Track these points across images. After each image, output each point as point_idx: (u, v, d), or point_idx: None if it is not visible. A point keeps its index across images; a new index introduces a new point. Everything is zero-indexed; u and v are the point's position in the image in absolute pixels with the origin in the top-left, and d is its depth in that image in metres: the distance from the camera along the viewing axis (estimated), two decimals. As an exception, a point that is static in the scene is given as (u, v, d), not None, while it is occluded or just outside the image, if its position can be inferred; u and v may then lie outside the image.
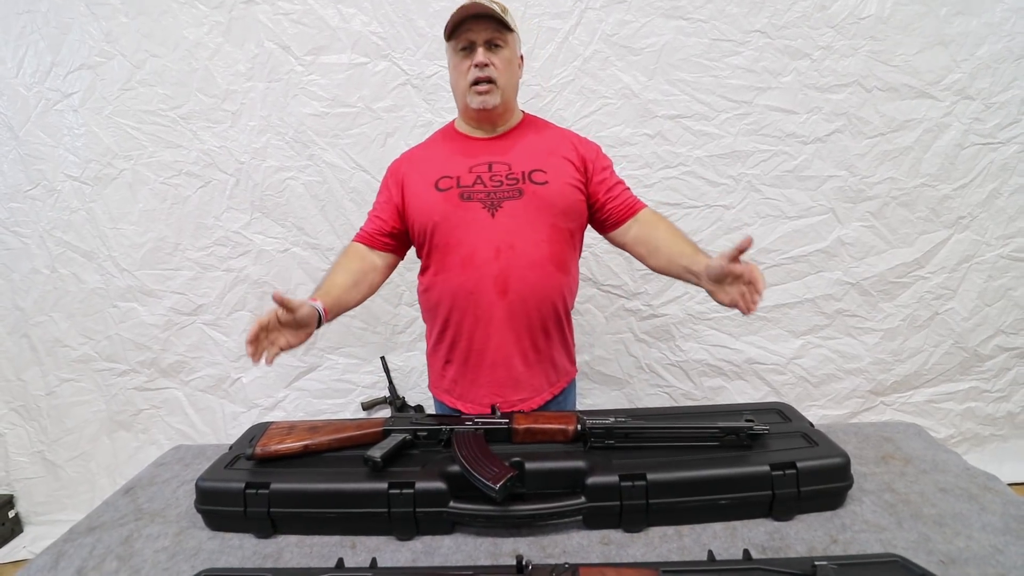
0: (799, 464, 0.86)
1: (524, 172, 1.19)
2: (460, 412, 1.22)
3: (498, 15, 1.13)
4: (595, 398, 2.12)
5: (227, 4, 1.87)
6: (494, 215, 1.16)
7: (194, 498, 0.97)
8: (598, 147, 1.30)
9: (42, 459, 2.20)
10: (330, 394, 2.14)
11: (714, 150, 1.93)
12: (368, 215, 1.30)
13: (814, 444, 0.93)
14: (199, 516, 0.95)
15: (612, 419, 0.97)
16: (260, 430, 1.06)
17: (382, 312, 2.07)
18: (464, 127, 1.28)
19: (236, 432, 2.11)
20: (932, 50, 1.85)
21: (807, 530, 0.84)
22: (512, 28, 1.17)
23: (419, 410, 2.06)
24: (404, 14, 1.85)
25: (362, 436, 1.01)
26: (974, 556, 0.77)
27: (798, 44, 1.85)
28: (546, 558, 0.82)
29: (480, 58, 1.14)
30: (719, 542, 0.82)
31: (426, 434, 1.00)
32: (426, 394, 1.54)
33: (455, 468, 0.89)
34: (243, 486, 0.90)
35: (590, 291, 2.04)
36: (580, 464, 0.90)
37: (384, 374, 2.07)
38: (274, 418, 1.81)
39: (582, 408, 1.21)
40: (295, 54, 1.89)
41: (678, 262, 1.14)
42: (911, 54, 1.85)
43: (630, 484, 0.85)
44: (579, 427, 0.97)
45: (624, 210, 1.25)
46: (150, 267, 2.06)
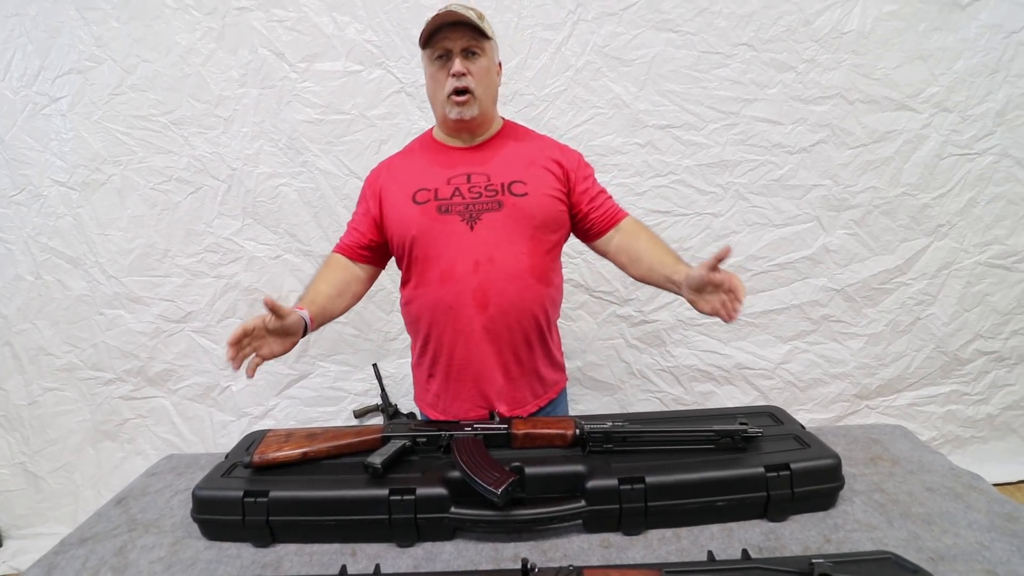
0: (793, 465, 0.88)
1: (503, 183, 1.17)
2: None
3: (474, 22, 1.11)
4: (587, 404, 2.13)
5: (221, 11, 1.87)
6: (473, 228, 1.14)
7: (189, 508, 0.96)
8: (579, 155, 1.28)
9: (23, 470, 2.15)
10: (321, 402, 2.13)
11: (703, 159, 1.97)
12: (347, 226, 1.28)
13: (806, 446, 0.95)
14: (195, 526, 0.94)
15: (610, 423, 0.98)
16: (257, 438, 1.05)
17: (374, 319, 2.07)
18: (442, 136, 1.25)
19: (225, 441, 2.11)
20: (911, 64, 1.91)
21: (801, 530, 0.86)
22: (489, 35, 1.15)
23: (411, 417, 2.06)
24: (399, 23, 1.87)
25: (361, 443, 1.00)
26: (962, 552, 0.79)
27: (783, 57, 1.90)
28: (547, 562, 0.82)
29: (457, 67, 1.12)
30: (716, 543, 0.84)
31: (425, 440, 1.00)
32: (419, 401, 1.54)
33: (456, 474, 0.89)
34: (241, 494, 0.90)
35: (582, 297, 2.06)
36: (579, 468, 0.90)
37: (376, 381, 2.06)
38: (264, 427, 1.79)
39: (574, 414, 1.21)
40: (289, 61, 1.90)
41: (659, 271, 1.14)
42: (891, 68, 1.91)
43: (629, 487, 0.86)
44: (577, 432, 0.98)
45: (607, 220, 1.24)
46: (138, 274, 2.03)
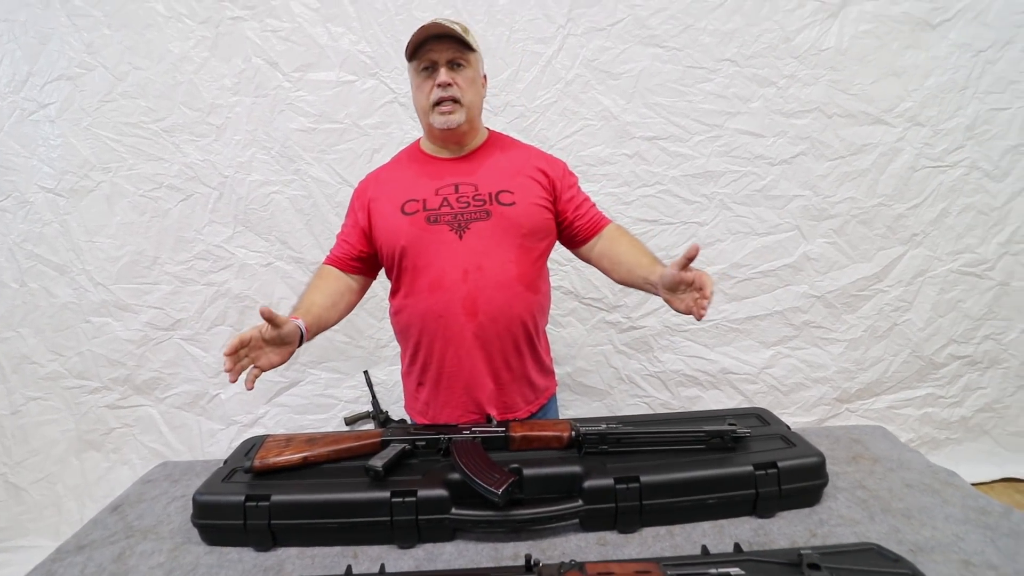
0: (780, 464, 0.92)
1: (491, 193, 1.19)
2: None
3: (459, 35, 1.13)
4: (577, 409, 2.16)
5: (215, 20, 1.88)
6: (461, 237, 1.16)
7: (186, 514, 0.96)
8: (564, 164, 1.30)
9: (4, 482, 2.11)
10: (312, 409, 2.12)
11: (688, 170, 2.03)
12: (337, 238, 1.30)
13: (792, 445, 0.99)
14: (193, 531, 0.94)
15: (604, 425, 1.01)
16: (256, 443, 1.06)
17: (365, 326, 2.07)
18: (429, 147, 1.27)
19: (214, 450, 2.09)
20: (886, 80, 2.00)
21: (788, 526, 0.90)
22: (474, 48, 1.17)
23: (403, 424, 2.06)
24: (392, 34, 1.90)
25: (361, 447, 1.02)
26: (939, 544, 0.84)
27: (765, 73, 1.97)
28: (547, 560, 0.84)
29: (443, 78, 1.13)
30: (708, 539, 0.87)
31: (425, 444, 1.02)
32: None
33: (456, 476, 0.91)
34: (243, 499, 0.90)
35: (571, 304, 2.10)
36: (576, 469, 0.93)
37: (367, 388, 2.07)
38: (253, 435, 1.79)
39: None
40: (283, 70, 1.91)
41: (637, 273, 1.17)
42: (867, 83, 1.99)
43: (624, 486, 0.89)
44: (573, 434, 1.01)
45: (591, 227, 1.28)
46: (126, 281, 2.02)
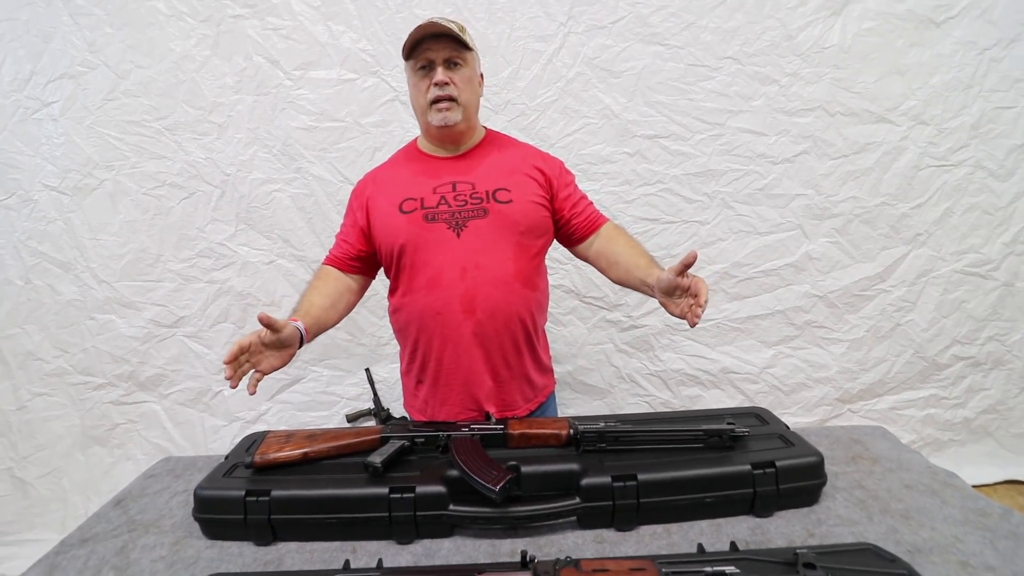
0: (778, 463, 0.92)
1: (488, 191, 1.19)
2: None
3: (456, 34, 1.14)
4: (577, 408, 2.16)
5: (216, 18, 1.89)
6: (459, 235, 1.17)
7: (188, 508, 0.97)
8: (561, 163, 1.31)
9: (11, 476, 2.13)
10: (314, 406, 2.13)
11: (690, 169, 2.03)
12: (336, 238, 1.30)
13: (790, 444, 0.99)
14: (195, 525, 0.96)
15: (603, 423, 1.01)
16: (257, 439, 1.07)
17: (367, 324, 2.08)
18: (427, 146, 1.28)
19: (217, 446, 2.10)
20: (889, 78, 1.99)
21: (786, 525, 0.90)
22: (471, 47, 1.17)
23: (404, 421, 2.07)
24: (393, 32, 1.90)
25: (360, 443, 1.03)
26: (937, 545, 0.83)
27: (767, 71, 1.96)
28: (544, 557, 0.85)
29: (440, 76, 1.14)
30: (705, 538, 0.87)
31: (424, 440, 1.02)
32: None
33: (454, 472, 0.92)
34: (243, 494, 0.91)
35: (572, 303, 2.10)
36: (574, 466, 0.93)
37: (369, 386, 2.08)
38: (256, 431, 1.80)
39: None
40: (284, 69, 1.92)
41: (634, 274, 1.18)
42: (870, 82, 1.98)
43: (622, 484, 0.90)
44: (572, 432, 1.01)
45: (588, 225, 1.28)
46: (130, 278, 2.03)
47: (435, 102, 1.16)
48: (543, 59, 1.95)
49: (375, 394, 2.08)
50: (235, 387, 0.99)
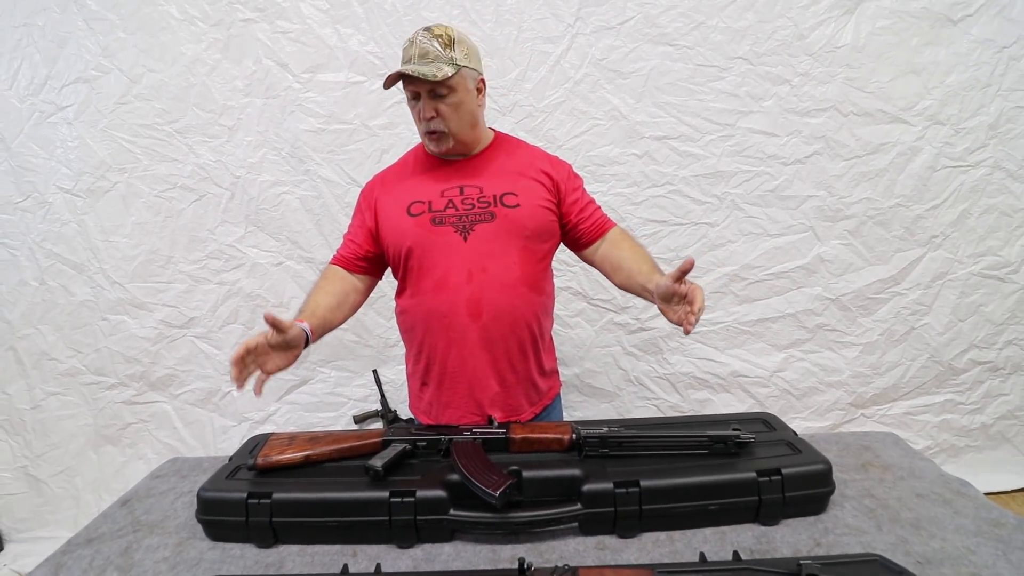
0: (784, 471, 0.90)
1: (495, 195, 1.19)
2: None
3: (430, 79, 1.08)
4: (585, 411, 2.15)
5: (226, 22, 1.90)
6: (466, 239, 1.17)
7: (193, 509, 0.98)
8: (569, 167, 1.31)
9: (25, 474, 2.17)
10: (322, 407, 2.14)
11: (699, 170, 2.00)
12: (344, 238, 1.31)
13: (798, 452, 0.97)
14: (199, 527, 0.96)
15: (606, 429, 1.00)
16: (260, 441, 1.07)
17: (374, 325, 2.09)
18: None
19: (226, 446, 2.12)
20: (904, 78, 1.95)
21: (792, 534, 0.88)
22: (455, 69, 1.11)
23: (411, 423, 2.07)
24: (401, 35, 1.90)
25: (362, 446, 1.03)
26: (948, 557, 0.81)
27: (778, 71, 1.93)
28: (544, 563, 0.84)
29: (426, 113, 1.14)
30: (709, 546, 0.86)
31: (425, 444, 1.02)
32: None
33: (455, 477, 0.92)
34: (245, 496, 0.92)
35: (580, 305, 2.08)
36: (576, 472, 0.93)
37: (376, 387, 2.08)
38: (265, 432, 1.81)
39: (570, 420, 1.23)
40: (293, 72, 1.93)
41: (636, 280, 1.17)
42: (884, 81, 1.94)
43: (624, 491, 0.89)
44: (574, 436, 1.00)
45: (595, 230, 1.28)
46: (142, 280, 2.06)
47: (427, 132, 1.18)
48: (551, 60, 1.94)
49: (382, 395, 2.08)
50: (241, 388, 1.00)
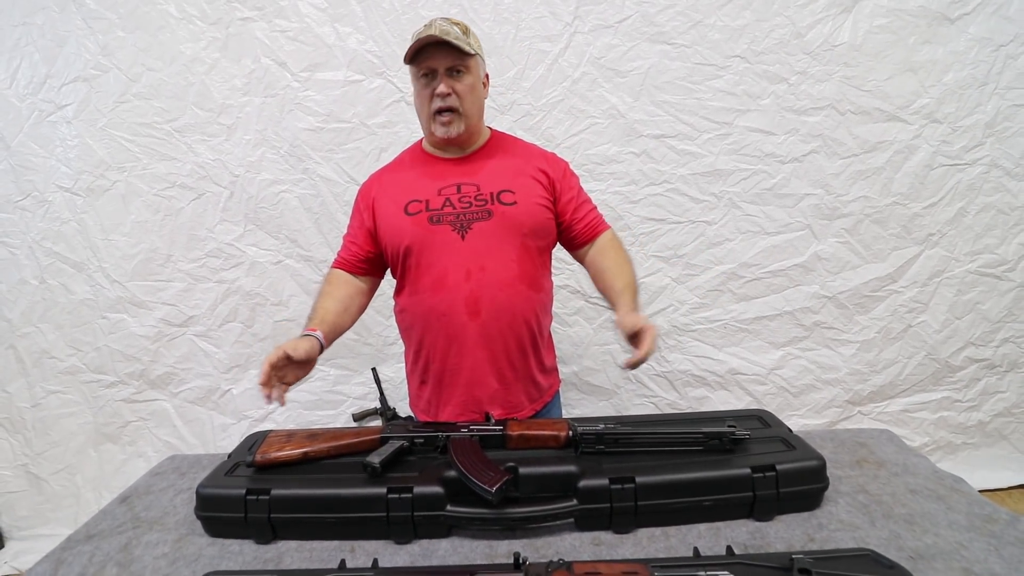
0: (778, 467, 0.91)
1: (493, 193, 1.20)
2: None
3: (458, 44, 1.12)
4: (583, 408, 2.16)
5: (225, 20, 1.91)
6: (464, 237, 1.17)
7: (192, 506, 0.98)
8: (566, 165, 1.31)
9: (26, 472, 2.17)
10: (321, 405, 2.15)
11: (697, 168, 2.01)
12: (344, 240, 1.31)
13: (792, 448, 0.98)
14: (198, 523, 0.97)
15: (602, 425, 1.01)
16: (259, 438, 1.08)
17: (373, 323, 2.09)
18: (431, 148, 1.28)
19: (225, 444, 2.13)
20: (902, 76, 1.95)
21: (786, 529, 0.89)
22: (473, 53, 1.15)
23: (409, 421, 2.08)
24: (399, 33, 1.91)
25: (360, 443, 1.03)
26: (941, 552, 0.82)
27: (776, 69, 1.94)
28: (540, 559, 0.85)
29: (442, 88, 1.14)
30: (704, 541, 0.86)
31: (423, 441, 1.03)
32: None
33: (452, 473, 0.92)
34: (244, 492, 0.92)
35: (578, 303, 2.09)
36: (572, 468, 0.93)
37: (375, 385, 2.09)
38: (264, 430, 1.82)
39: (569, 417, 1.24)
40: (291, 70, 1.94)
41: (608, 295, 1.24)
42: (882, 80, 1.95)
43: (620, 487, 0.89)
44: (570, 433, 1.01)
45: (587, 232, 1.29)
46: (141, 278, 2.06)
47: (438, 113, 1.17)
48: (549, 59, 1.95)
49: (381, 393, 2.09)
50: (269, 402, 1.07)
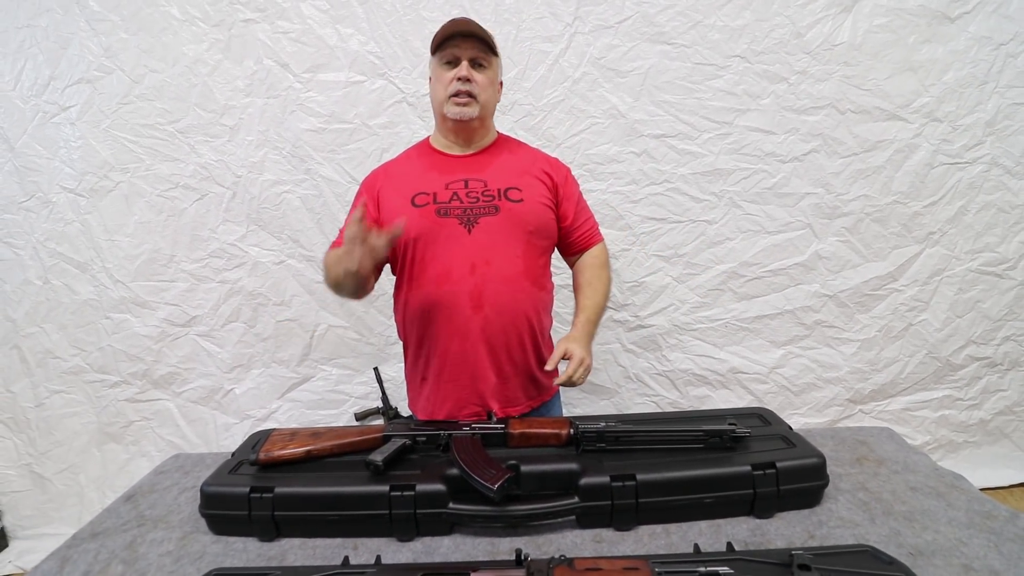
0: (778, 464, 0.92)
1: (500, 189, 1.22)
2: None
3: (485, 36, 1.18)
4: (584, 407, 2.16)
5: (227, 22, 1.92)
6: (471, 231, 1.18)
7: (196, 504, 0.99)
8: (568, 170, 1.34)
9: (30, 472, 2.18)
10: (323, 405, 2.16)
11: (697, 168, 2.01)
12: (341, 232, 1.26)
13: (792, 446, 0.98)
14: (202, 521, 0.98)
15: (603, 423, 1.01)
16: (263, 436, 1.08)
17: (375, 323, 2.10)
18: (440, 143, 1.30)
19: (228, 443, 2.14)
20: (902, 75, 1.96)
21: (786, 526, 0.89)
22: (496, 52, 1.22)
23: (410, 419, 2.08)
24: (400, 35, 1.91)
25: (363, 442, 1.04)
26: (940, 548, 0.83)
27: (776, 69, 1.94)
28: (542, 555, 0.85)
29: (464, 72, 1.17)
30: (704, 539, 0.87)
31: (425, 439, 1.04)
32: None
33: (454, 471, 0.93)
34: (248, 490, 0.93)
35: (579, 303, 2.09)
36: (573, 466, 0.94)
37: (377, 385, 2.09)
38: (266, 428, 1.83)
39: (570, 415, 1.24)
40: (294, 71, 1.95)
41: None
42: (882, 79, 1.95)
43: (620, 484, 0.90)
44: (572, 431, 1.02)
45: (582, 241, 1.33)
46: (144, 279, 2.07)
47: (455, 95, 1.19)
48: (549, 59, 1.95)
49: (383, 393, 2.09)
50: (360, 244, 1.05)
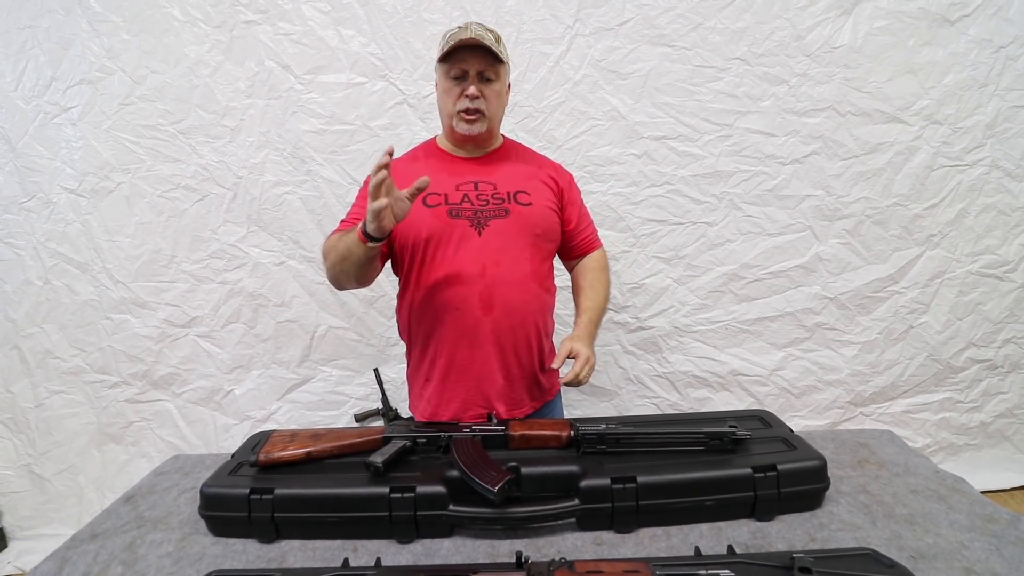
0: (779, 467, 0.91)
1: (509, 192, 1.23)
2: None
3: (492, 49, 1.15)
4: (584, 409, 2.16)
5: (229, 24, 1.92)
6: (481, 233, 1.19)
7: (196, 505, 0.99)
8: (571, 177, 1.36)
9: (29, 472, 2.18)
10: (323, 406, 2.16)
11: (698, 170, 2.02)
12: (342, 224, 1.25)
13: (793, 448, 0.98)
14: (201, 523, 0.97)
15: (604, 425, 1.01)
16: (263, 438, 1.08)
17: (375, 324, 2.10)
18: (447, 145, 1.30)
19: (228, 444, 2.14)
20: (902, 78, 1.96)
21: (787, 529, 0.89)
22: (504, 60, 1.20)
23: (410, 421, 2.08)
24: (402, 36, 1.92)
25: (363, 443, 1.04)
26: (942, 551, 0.82)
27: (776, 71, 1.95)
28: (542, 558, 0.85)
29: (472, 91, 1.17)
30: (705, 541, 0.87)
31: (425, 441, 1.03)
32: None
33: (454, 473, 0.93)
34: (247, 491, 0.93)
35: (580, 305, 2.09)
36: (573, 468, 0.94)
37: (377, 386, 2.09)
38: (266, 430, 1.83)
39: (570, 417, 1.24)
40: (295, 73, 1.95)
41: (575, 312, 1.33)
42: (882, 81, 1.96)
43: (621, 487, 0.90)
44: (572, 433, 1.01)
45: (583, 247, 1.37)
46: (145, 279, 2.07)
47: (464, 111, 1.19)
48: (550, 61, 1.96)
49: (383, 394, 2.09)
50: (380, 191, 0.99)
